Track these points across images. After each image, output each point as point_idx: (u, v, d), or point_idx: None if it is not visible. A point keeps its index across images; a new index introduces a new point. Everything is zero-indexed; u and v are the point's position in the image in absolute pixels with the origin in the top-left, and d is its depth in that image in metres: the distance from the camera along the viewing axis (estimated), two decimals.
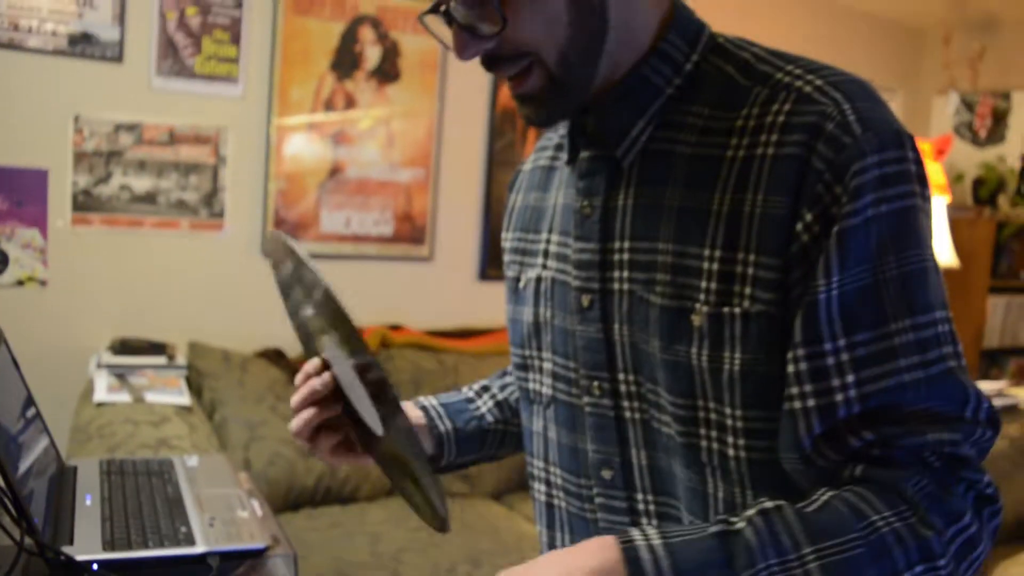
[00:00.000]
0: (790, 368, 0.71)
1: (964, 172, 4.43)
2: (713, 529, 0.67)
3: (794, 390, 0.71)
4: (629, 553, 0.66)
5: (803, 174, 0.70)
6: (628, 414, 0.84)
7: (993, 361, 4.36)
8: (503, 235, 1.03)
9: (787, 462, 0.73)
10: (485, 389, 1.12)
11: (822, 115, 0.71)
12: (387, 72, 2.98)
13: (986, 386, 2.86)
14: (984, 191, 4.36)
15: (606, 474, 0.86)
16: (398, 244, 3.07)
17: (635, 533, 0.68)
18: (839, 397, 0.70)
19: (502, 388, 1.12)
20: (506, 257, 1.00)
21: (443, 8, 0.76)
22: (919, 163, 0.72)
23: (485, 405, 1.10)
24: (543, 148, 0.99)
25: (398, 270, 3.11)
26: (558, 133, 0.96)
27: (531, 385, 0.95)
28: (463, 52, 0.77)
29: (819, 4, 4.09)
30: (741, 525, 0.67)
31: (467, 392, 1.13)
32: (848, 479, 0.70)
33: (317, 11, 2.83)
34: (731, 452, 0.76)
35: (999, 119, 4.40)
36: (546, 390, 0.92)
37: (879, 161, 0.70)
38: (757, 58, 0.79)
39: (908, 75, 4.57)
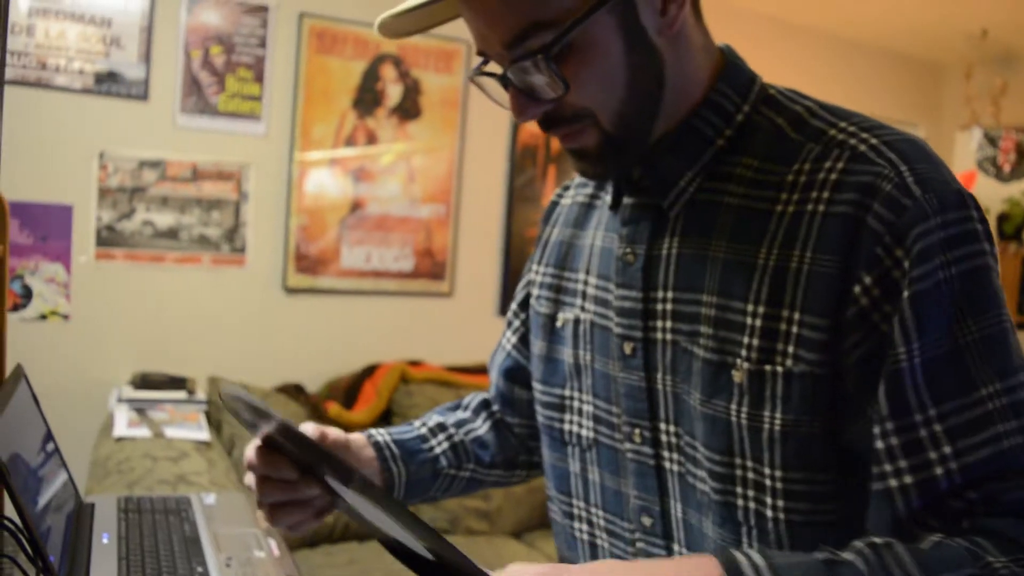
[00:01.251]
0: (879, 444, 0.68)
1: (988, 208, 4.40)
2: (820, 556, 0.65)
3: (887, 467, 0.68)
4: (731, 570, 0.64)
5: (856, 234, 0.69)
6: (668, 464, 0.83)
7: None
8: (534, 267, 1.01)
9: (876, 534, 0.70)
10: (441, 428, 1.07)
11: (878, 175, 0.70)
12: (408, 109, 3.00)
13: None
14: (1009, 226, 4.32)
15: (646, 521, 0.86)
16: (418, 280, 3.08)
17: (736, 553, 0.66)
18: (939, 471, 0.67)
19: (459, 427, 1.08)
20: (536, 291, 0.99)
21: (501, 73, 0.75)
22: (984, 222, 0.70)
23: (440, 447, 1.05)
24: (583, 184, 0.98)
25: (418, 306, 3.11)
26: None
27: (567, 426, 0.94)
28: (522, 115, 0.76)
29: (839, 41, 4.10)
30: (849, 556, 0.65)
31: (420, 428, 1.06)
32: (956, 534, 0.67)
33: (339, 50, 2.87)
34: (769, 513, 0.74)
35: (1023, 154, 4.37)
36: (587, 432, 0.91)
37: (942, 223, 0.68)
38: (810, 112, 0.78)
39: (930, 111, 4.55)
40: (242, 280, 2.80)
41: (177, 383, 2.55)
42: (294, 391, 2.74)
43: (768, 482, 0.74)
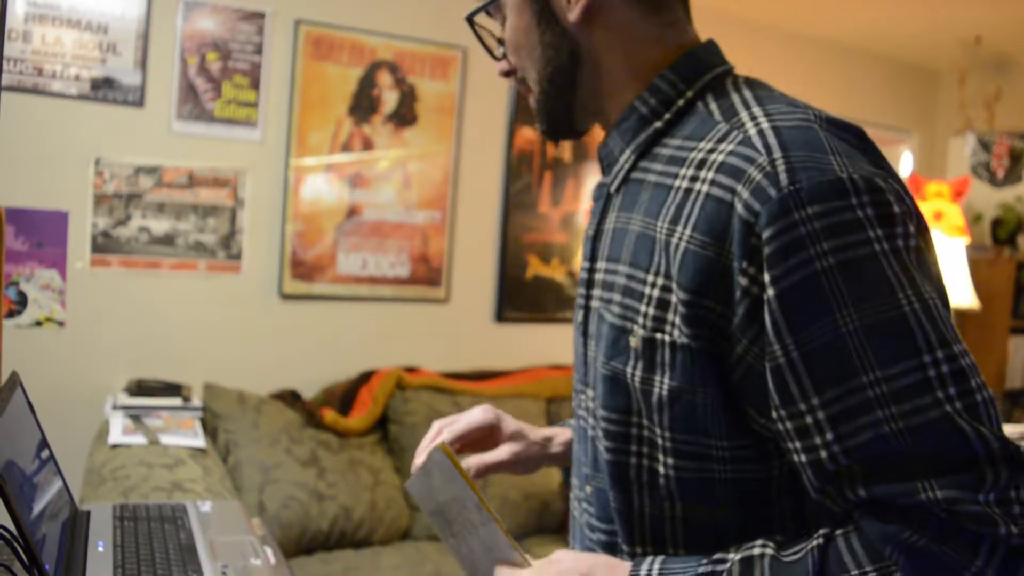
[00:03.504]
0: (778, 426, 0.72)
1: (983, 213, 4.41)
2: (701, 569, 0.73)
3: (787, 444, 0.73)
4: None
5: (728, 221, 0.71)
6: (590, 431, 0.88)
7: (1016, 402, 4.29)
8: None
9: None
10: None
11: (751, 161, 0.72)
12: (404, 116, 3.01)
13: (1008, 429, 2.81)
14: (1003, 231, 4.33)
15: (588, 488, 0.90)
16: (414, 286, 3.08)
17: (642, 567, 0.76)
18: (824, 454, 0.70)
19: None
20: None
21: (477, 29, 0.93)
22: (879, 204, 0.69)
23: None
24: None
25: (414, 312, 3.11)
26: None
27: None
28: (496, 67, 0.93)
29: (833, 47, 4.11)
30: (722, 569, 0.72)
31: None
32: (847, 524, 0.72)
33: (336, 57, 2.87)
34: (661, 470, 0.78)
35: (1016, 159, 4.38)
36: (573, 406, 0.97)
37: (809, 215, 0.68)
38: (743, 99, 0.80)
39: (924, 117, 4.57)
40: (238, 286, 2.80)
41: (173, 390, 2.54)
42: (290, 398, 2.74)
43: (659, 440, 0.78)
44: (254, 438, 2.51)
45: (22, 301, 2.50)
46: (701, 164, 0.76)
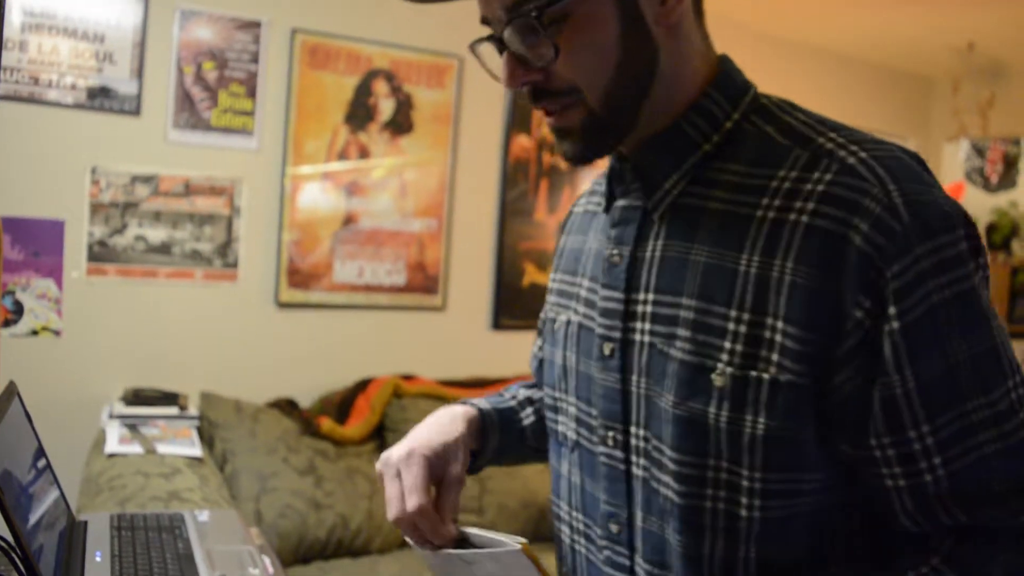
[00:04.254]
0: (876, 453, 0.72)
1: (977, 218, 4.43)
2: None
3: (884, 471, 0.73)
4: None
5: (843, 253, 0.69)
6: (635, 470, 0.83)
7: None
8: (552, 275, 1.04)
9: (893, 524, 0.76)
10: (529, 401, 1.12)
11: (866, 193, 0.70)
12: (401, 124, 3.01)
13: None
14: (997, 236, 4.35)
15: (613, 527, 0.86)
16: (411, 294, 3.08)
17: None
18: (928, 477, 0.71)
19: (541, 403, 1.12)
20: (550, 298, 1.01)
21: (498, 36, 0.77)
22: (972, 238, 0.71)
23: (527, 419, 1.10)
24: (593, 192, 1.00)
25: (411, 320, 3.11)
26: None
27: (559, 427, 0.95)
28: (512, 79, 0.78)
29: (828, 54, 4.13)
30: None
31: (511, 400, 1.12)
32: (939, 551, 0.73)
33: (332, 65, 2.87)
34: (743, 512, 0.75)
35: (1010, 164, 4.40)
36: (571, 434, 0.92)
37: (932, 248, 0.69)
38: (800, 122, 0.78)
39: (919, 123, 4.59)
40: (234, 295, 2.80)
41: (169, 399, 2.54)
42: (287, 406, 2.74)
43: (746, 483, 0.75)
44: (251, 447, 2.51)
45: (18, 310, 2.50)
46: (792, 194, 0.73)
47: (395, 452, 0.93)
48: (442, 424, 0.98)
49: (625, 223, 0.84)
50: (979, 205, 4.45)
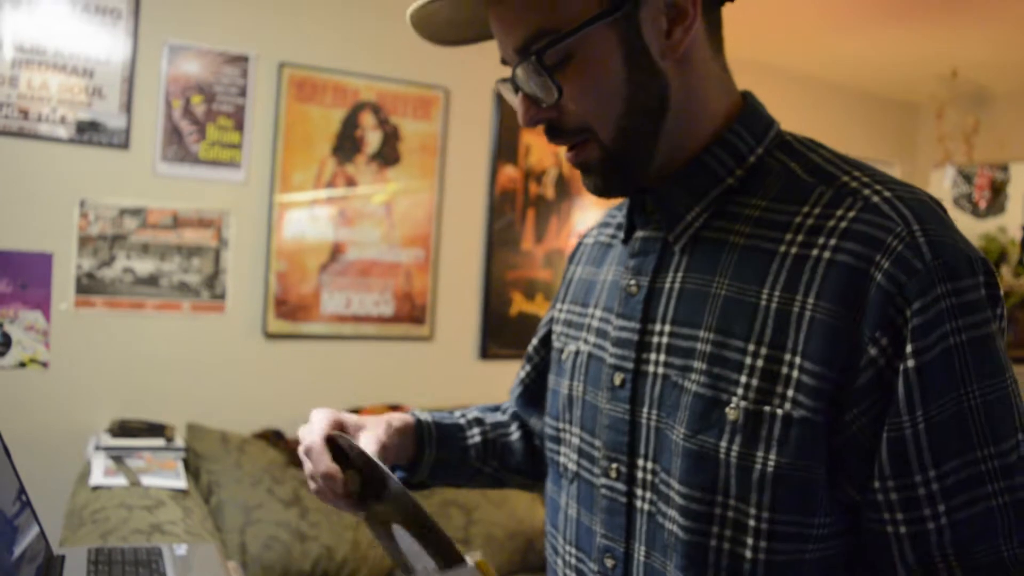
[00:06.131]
0: (879, 496, 0.70)
1: None
2: None
3: (886, 515, 0.71)
4: None
5: (863, 289, 0.69)
6: (639, 503, 0.82)
7: None
8: (558, 305, 1.03)
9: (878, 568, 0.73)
10: (478, 422, 1.10)
11: (889, 231, 0.69)
12: (387, 156, 3.04)
13: None
14: None
15: (608, 562, 0.84)
16: (398, 324, 3.09)
17: None
18: (931, 525, 0.69)
19: (494, 427, 1.11)
20: (557, 328, 1.00)
21: (511, 76, 0.80)
22: (992, 286, 0.71)
23: (473, 439, 1.08)
24: (606, 224, 1.00)
25: (398, 350, 3.12)
26: (622, 212, 0.95)
27: (561, 459, 0.94)
28: (525, 119, 0.80)
29: (814, 81, 4.18)
30: None
31: (459, 418, 1.10)
32: None
33: (319, 98, 2.91)
34: (748, 554, 0.74)
35: (998, 190, 4.43)
36: (572, 465, 0.91)
37: (953, 290, 0.68)
38: (824, 159, 0.79)
39: (905, 150, 4.63)
40: (222, 326, 2.81)
41: (156, 430, 2.54)
42: (273, 437, 2.74)
43: (752, 522, 0.73)
44: (236, 478, 2.51)
45: (6, 342, 2.51)
46: (815, 230, 0.73)
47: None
48: (367, 419, 0.98)
49: (645, 254, 0.84)
50: (967, 231, 4.47)
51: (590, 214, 3.47)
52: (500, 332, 3.30)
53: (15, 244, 2.52)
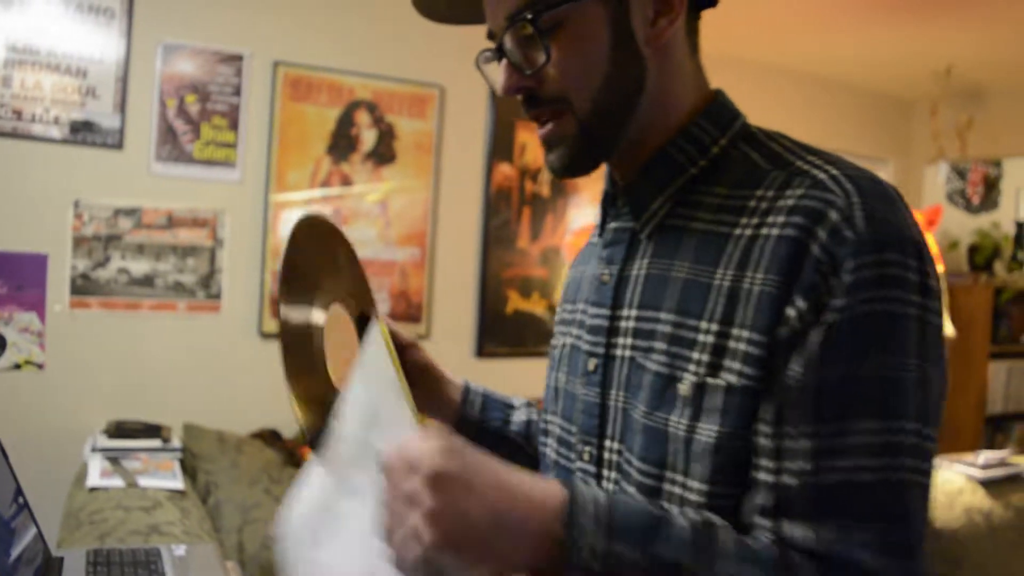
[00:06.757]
0: (761, 440, 0.72)
1: (959, 239, 4.46)
2: (655, 511, 0.70)
3: (759, 461, 0.72)
4: (573, 499, 0.68)
5: (798, 257, 0.71)
6: (605, 484, 0.84)
7: (998, 427, 4.31)
8: (559, 308, 1.06)
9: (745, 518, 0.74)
10: (528, 405, 1.16)
11: (827, 203, 0.72)
12: (383, 154, 3.04)
13: (988, 455, 2.82)
14: (980, 257, 4.38)
15: None
16: (395, 322, 3.08)
17: (581, 486, 0.71)
18: (794, 481, 0.70)
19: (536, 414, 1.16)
20: (555, 328, 1.04)
21: (498, 43, 0.82)
22: (924, 274, 0.72)
23: (517, 418, 1.13)
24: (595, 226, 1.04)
25: None
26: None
27: (547, 451, 0.96)
28: (507, 85, 0.82)
29: (808, 78, 4.18)
30: (681, 522, 0.69)
31: (510, 398, 1.17)
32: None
33: (314, 97, 2.90)
34: None
35: (991, 186, 4.45)
36: (552, 454, 0.93)
37: (876, 261, 0.70)
38: (784, 148, 0.81)
39: (899, 146, 4.64)
40: (218, 326, 2.81)
41: (152, 431, 2.54)
42: (270, 436, 2.74)
43: (694, 496, 0.75)
44: (233, 478, 2.50)
45: (1, 344, 2.50)
46: (768, 211, 0.75)
47: None
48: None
49: (615, 244, 0.88)
50: (961, 226, 4.49)
51: (585, 211, 3.47)
52: (496, 330, 3.30)
53: (9, 245, 2.51)
